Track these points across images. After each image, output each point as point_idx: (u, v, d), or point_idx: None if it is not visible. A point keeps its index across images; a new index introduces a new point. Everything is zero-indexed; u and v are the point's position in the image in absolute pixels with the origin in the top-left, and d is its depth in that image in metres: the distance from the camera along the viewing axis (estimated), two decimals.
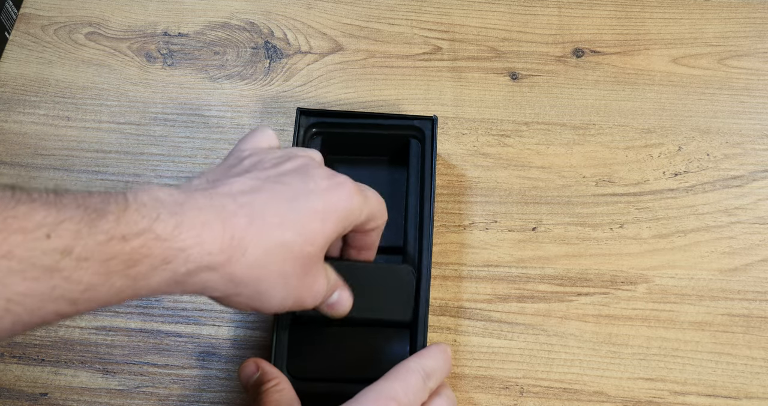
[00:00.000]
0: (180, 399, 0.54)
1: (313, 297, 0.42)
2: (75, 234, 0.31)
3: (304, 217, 0.39)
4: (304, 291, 0.41)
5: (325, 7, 0.70)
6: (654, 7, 0.71)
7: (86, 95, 0.66)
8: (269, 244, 0.38)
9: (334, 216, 0.41)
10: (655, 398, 0.55)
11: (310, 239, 0.39)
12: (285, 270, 0.39)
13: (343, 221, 0.41)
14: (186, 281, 0.36)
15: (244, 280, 0.38)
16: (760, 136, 0.65)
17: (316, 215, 0.40)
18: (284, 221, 0.39)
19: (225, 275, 0.37)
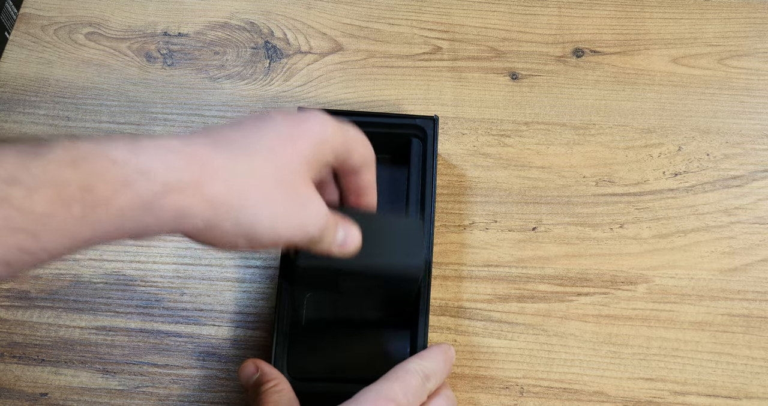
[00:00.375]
0: (180, 399, 0.54)
1: (314, 222, 0.38)
2: (18, 165, 0.30)
3: (272, 141, 0.37)
4: (299, 213, 0.37)
5: (325, 7, 0.70)
6: (654, 7, 0.71)
7: (86, 95, 0.66)
8: (241, 167, 0.36)
9: (305, 139, 0.38)
10: (655, 398, 0.55)
11: (285, 162, 0.37)
12: (268, 192, 0.36)
13: (318, 145, 0.39)
14: (156, 205, 0.33)
15: (224, 201, 0.35)
16: (760, 136, 0.65)
17: (285, 139, 0.38)
18: (252, 145, 0.37)
19: (201, 195, 0.34)
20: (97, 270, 0.58)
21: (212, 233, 0.35)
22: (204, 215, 0.34)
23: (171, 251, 0.59)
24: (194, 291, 0.58)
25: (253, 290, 0.58)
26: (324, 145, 0.40)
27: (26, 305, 0.57)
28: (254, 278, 0.58)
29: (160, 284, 0.58)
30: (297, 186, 0.38)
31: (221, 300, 0.57)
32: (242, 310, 0.57)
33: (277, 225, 0.36)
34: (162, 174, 0.33)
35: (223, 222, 0.35)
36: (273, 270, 0.58)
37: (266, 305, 0.57)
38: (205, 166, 0.35)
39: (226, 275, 0.58)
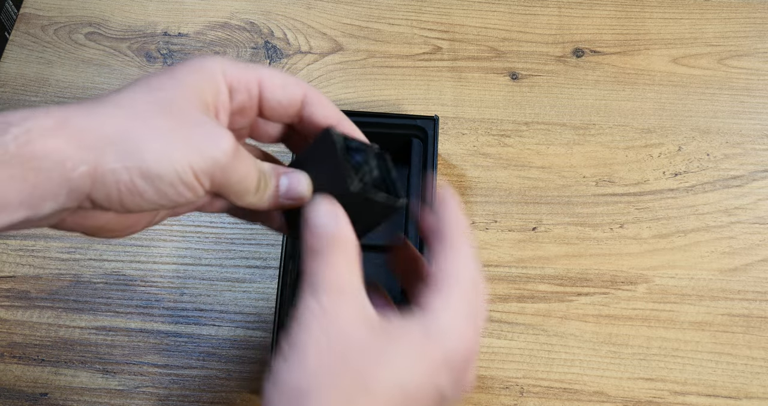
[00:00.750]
0: (180, 399, 0.54)
1: (215, 143, 0.32)
2: None
3: (149, 80, 0.33)
4: (192, 136, 0.32)
5: (325, 7, 0.70)
6: (654, 7, 0.71)
7: (86, 95, 0.66)
8: (111, 105, 0.31)
9: (186, 68, 0.34)
10: (655, 398, 0.55)
11: (167, 94, 0.32)
12: (149, 119, 0.31)
13: (207, 72, 0.34)
14: (24, 153, 0.29)
15: (98, 135, 0.30)
16: (760, 136, 0.65)
17: (163, 74, 0.33)
18: (127, 88, 0.33)
19: (69, 134, 0.30)
20: (97, 270, 0.58)
21: (104, 179, 0.30)
22: (82, 156, 0.30)
23: (171, 251, 0.59)
24: (194, 291, 0.58)
25: (253, 290, 0.58)
26: (215, 73, 0.34)
27: (26, 305, 0.57)
28: (254, 278, 0.58)
29: (160, 284, 0.58)
30: (185, 111, 0.32)
31: (221, 300, 0.57)
32: (242, 310, 0.57)
33: (170, 151, 0.31)
34: (19, 121, 0.30)
35: (106, 158, 0.30)
36: (273, 270, 0.58)
37: (266, 305, 0.57)
38: (69, 110, 0.31)
39: (226, 275, 0.58)
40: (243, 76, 0.35)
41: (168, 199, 0.32)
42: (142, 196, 0.31)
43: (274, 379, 0.30)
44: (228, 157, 0.32)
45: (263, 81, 0.35)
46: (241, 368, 0.55)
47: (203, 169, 0.31)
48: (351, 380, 0.29)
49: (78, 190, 0.30)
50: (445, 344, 0.31)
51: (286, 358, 0.30)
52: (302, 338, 0.30)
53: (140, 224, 0.35)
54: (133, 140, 0.30)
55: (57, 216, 0.32)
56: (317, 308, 0.31)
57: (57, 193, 0.30)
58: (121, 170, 0.30)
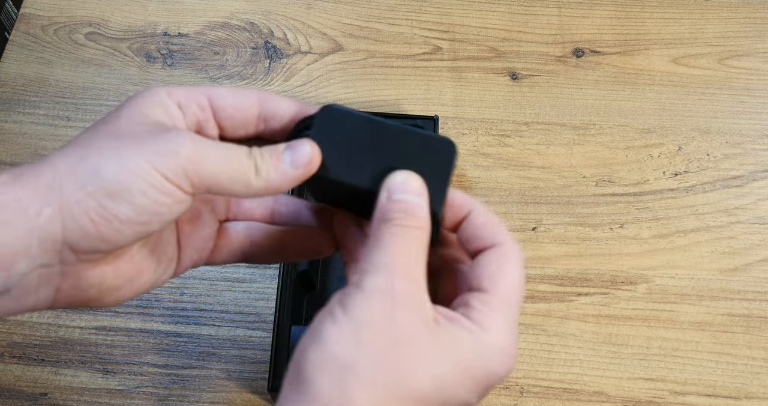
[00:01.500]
0: (180, 399, 0.54)
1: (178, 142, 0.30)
2: None
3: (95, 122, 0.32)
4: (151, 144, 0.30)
5: (325, 7, 0.70)
6: (654, 7, 0.71)
7: (86, 95, 0.66)
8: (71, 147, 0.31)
9: (129, 100, 0.33)
10: (655, 398, 0.55)
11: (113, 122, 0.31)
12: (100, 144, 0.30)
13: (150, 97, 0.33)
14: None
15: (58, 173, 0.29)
16: (760, 136, 0.65)
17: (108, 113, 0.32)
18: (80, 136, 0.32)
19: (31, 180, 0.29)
20: None
21: (71, 213, 0.29)
22: (41, 198, 0.29)
23: None
24: (194, 291, 0.58)
25: (253, 290, 0.58)
26: (159, 98, 0.33)
27: None
28: (254, 278, 0.58)
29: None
30: (135, 129, 0.31)
31: (221, 300, 0.57)
32: (242, 310, 0.57)
33: (125, 161, 0.29)
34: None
35: (66, 189, 0.29)
36: (273, 270, 0.58)
37: (266, 305, 0.57)
38: (22, 166, 0.30)
39: (226, 275, 0.58)
40: (189, 93, 0.33)
41: (148, 211, 0.30)
42: (118, 218, 0.29)
43: (320, 339, 0.29)
44: (189, 147, 0.30)
45: (210, 93, 0.34)
46: (241, 368, 0.55)
47: (170, 168, 0.30)
48: (395, 370, 0.28)
49: (50, 238, 0.29)
50: (492, 367, 0.31)
51: (339, 325, 0.29)
52: (365, 314, 0.29)
53: (144, 272, 0.34)
54: (88, 166, 0.29)
55: (44, 286, 0.30)
56: (389, 290, 0.29)
57: (27, 244, 0.29)
58: (86, 198, 0.29)
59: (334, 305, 0.29)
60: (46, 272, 0.30)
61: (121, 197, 0.29)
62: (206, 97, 0.34)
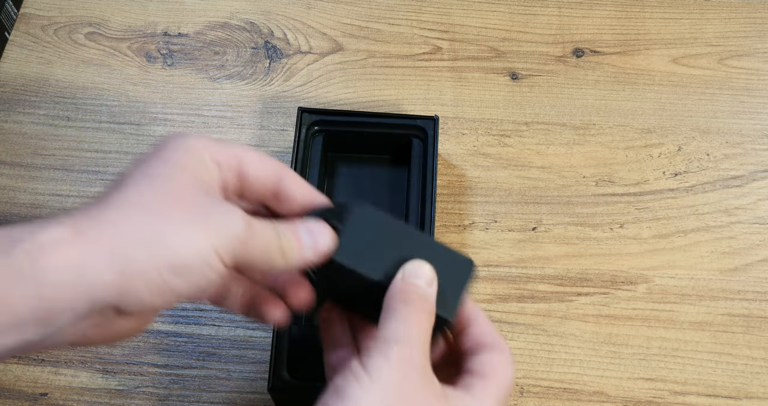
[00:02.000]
0: (180, 399, 0.54)
1: (232, 219, 0.32)
2: None
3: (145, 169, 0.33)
4: (208, 216, 0.31)
5: (325, 7, 0.70)
6: (654, 7, 0.71)
7: (86, 95, 0.66)
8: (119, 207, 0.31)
9: (176, 151, 0.33)
10: (655, 398, 0.55)
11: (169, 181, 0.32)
12: (162, 212, 0.31)
13: (196, 152, 0.33)
14: (38, 268, 0.28)
15: (124, 238, 0.29)
16: (760, 136, 0.65)
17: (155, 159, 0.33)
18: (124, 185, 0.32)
19: (88, 242, 0.29)
20: None
21: (133, 282, 0.29)
22: (104, 262, 0.29)
23: None
24: None
25: None
26: (203, 156, 0.34)
27: None
28: None
29: None
30: (192, 196, 0.32)
31: None
32: None
33: (193, 238, 0.30)
34: (27, 236, 0.29)
35: (133, 259, 0.29)
36: None
37: None
38: (80, 217, 0.30)
39: None
40: (225, 153, 0.35)
41: (197, 286, 0.31)
42: (173, 292, 0.30)
43: (347, 401, 0.31)
44: (244, 229, 0.32)
45: (241, 157, 0.35)
46: (241, 368, 0.55)
47: (226, 249, 0.31)
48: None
49: (102, 301, 0.29)
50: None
51: (365, 388, 0.31)
52: (390, 380, 0.32)
53: (152, 318, 0.36)
54: (156, 237, 0.30)
55: (74, 332, 0.31)
56: (412, 360, 0.32)
57: (77, 304, 0.29)
58: (150, 270, 0.30)
59: (356, 369, 0.32)
60: (81, 323, 0.31)
61: (182, 273, 0.30)
62: (237, 161, 0.35)
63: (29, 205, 0.60)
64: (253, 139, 0.64)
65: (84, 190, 0.61)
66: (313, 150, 0.57)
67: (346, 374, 0.32)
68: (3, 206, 0.60)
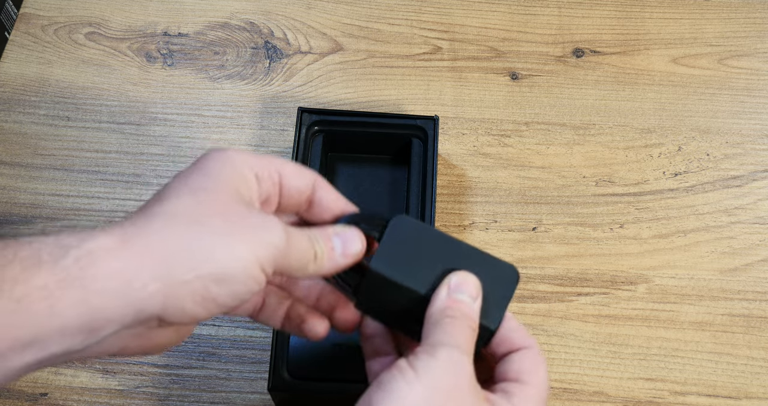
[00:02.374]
0: (180, 399, 0.54)
1: (271, 229, 0.33)
2: None
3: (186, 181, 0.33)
4: (248, 226, 0.32)
5: (325, 7, 0.70)
6: (654, 7, 0.71)
7: (86, 95, 0.66)
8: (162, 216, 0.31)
9: (216, 163, 0.34)
10: (655, 398, 0.55)
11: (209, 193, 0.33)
12: (204, 222, 0.31)
13: (236, 165, 0.34)
14: (88, 275, 0.28)
15: (169, 248, 0.30)
16: (760, 136, 0.65)
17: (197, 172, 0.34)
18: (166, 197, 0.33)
19: (134, 251, 0.30)
20: None
21: (177, 292, 0.30)
22: (150, 272, 0.29)
23: None
24: None
25: None
26: (243, 169, 0.35)
27: None
28: None
29: None
30: (234, 208, 0.33)
31: None
32: None
33: (236, 250, 0.31)
34: (78, 243, 0.29)
35: (178, 269, 0.30)
36: None
37: None
38: (126, 227, 0.31)
39: None
40: (265, 166, 0.35)
41: (239, 296, 0.32)
42: (215, 302, 0.31)
43: (393, 396, 0.31)
44: (284, 239, 0.33)
45: (282, 170, 0.36)
46: (241, 368, 0.55)
47: (267, 259, 0.32)
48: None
49: (147, 310, 0.30)
50: None
51: (412, 385, 0.31)
52: (437, 379, 0.32)
53: (191, 330, 0.36)
54: (200, 248, 0.30)
55: (116, 343, 0.31)
56: (460, 363, 0.33)
57: (123, 314, 0.29)
58: (194, 281, 0.30)
59: (404, 367, 0.32)
60: (125, 333, 0.31)
61: (226, 284, 0.31)
62: (278, 175, 0.36)
63: (29, 205, 0.60)
64: (253, 139, 0.64)
65: (84, 190, 0.61)
66: (313, 150, 0.57)
67: (391, 370, 0.32)
68: (3, 206, 0.60)
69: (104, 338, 0.30)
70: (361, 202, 0.60)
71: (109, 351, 0.32)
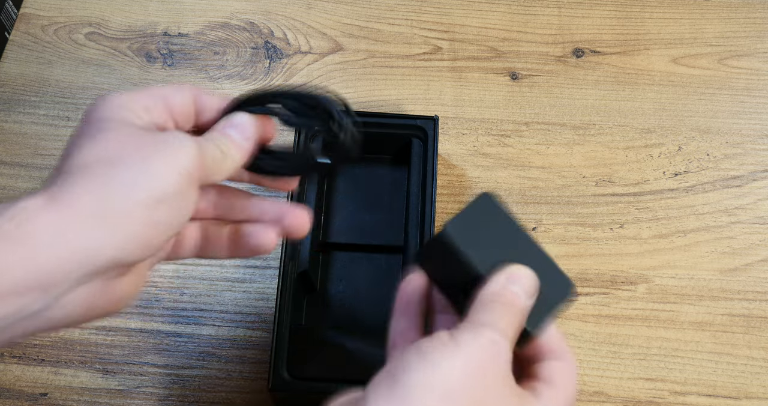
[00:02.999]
0: (180, 399, 0.54)
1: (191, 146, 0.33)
2: None
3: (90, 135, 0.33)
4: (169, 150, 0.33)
5: (325, 7, 0.70)
6: (654, 7, 0.71)
7: (86, 95, 0.66)
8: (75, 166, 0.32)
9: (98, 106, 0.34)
10: (655, 398, 0.55)
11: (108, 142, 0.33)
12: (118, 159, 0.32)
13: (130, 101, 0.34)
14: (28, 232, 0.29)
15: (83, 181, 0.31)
16: (760, 136, 0.65)
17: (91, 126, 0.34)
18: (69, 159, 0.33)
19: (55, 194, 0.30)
20: None
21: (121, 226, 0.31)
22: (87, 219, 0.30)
23: None
24: (194, 291, 0.58)
25: (253, 290, 0.58)
26: (127, 106, 0.34)
27: None
28: (254, 278, 0.58)
29: (160, 284, 0.58)
30: (138, 139, 0.33)
31: (221, 300, 0.57)
32: (242, 310, 0.57)
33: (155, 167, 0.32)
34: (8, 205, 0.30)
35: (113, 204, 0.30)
36: (273, 270, 0.58)
37: (266, 305, 0.57)
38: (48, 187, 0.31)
39: (226, 275, 0.58)
40: (147, 96, 0.35)
41: (181, 212, 0.33)
42: (162, 222, 0.32)
43: (431, 364, 0.31)
44: (194, 147, 0.33)
45: (161, 93, 0.36)
46: (241, 368, 0.55)
47: (188, 169, 0.33)
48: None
49: (93, 258, 0.30)
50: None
51: (451, 356, 0.31)
52: (475, 353, 0.32)
53: (147, 276, 0.36)
54: (125, 178, 0.31)
55: (79, 302, 0.31)
56: (499, 343, 0.32)
57: (71, 267, 0.30)
58: (134, 208, 0.31)
59: (445, 338, 0.32)
60: (83, 290, 0.31)
61: (164, 202, 0.32)
62: (162, 99, 0.36)
63: None
64: None
65: None
66: None
67: (433, 340, 0.32)
68: None
69: (62, 295, 0.30)
70: (361, 202, 0.60)
71: (75, 314, 0.32)
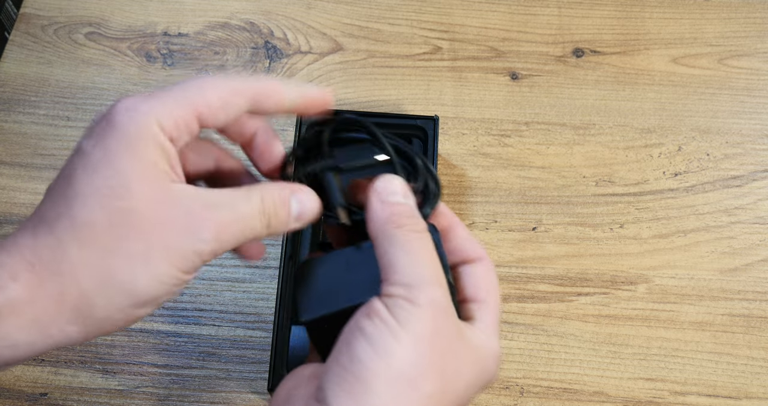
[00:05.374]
0: (180, 399, 0.54)
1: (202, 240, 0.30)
2: None
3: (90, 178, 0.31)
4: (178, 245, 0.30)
5: (325, 7, 0.70)
6: (654, 7, 0.71)
7: (86, 95, 0.66)
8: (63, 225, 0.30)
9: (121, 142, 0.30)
10: (655, 398, 0.55)
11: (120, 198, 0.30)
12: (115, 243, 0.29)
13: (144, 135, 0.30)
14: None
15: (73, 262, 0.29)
16: (760, 136, 0.65)
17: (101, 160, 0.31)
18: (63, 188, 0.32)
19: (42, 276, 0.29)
20: None
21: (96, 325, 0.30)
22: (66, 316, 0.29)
23: None
24: (194, 291, 0.58)
25: (253, 290, 0.58)
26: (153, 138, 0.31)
27: None
28: (254, 278, 0.58)
29: None
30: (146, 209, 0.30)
31: (221, 300, 0.57)
32: (242, 310, 0.57)
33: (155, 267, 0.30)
34: None
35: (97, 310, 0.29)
36: (273, 270, 0.58)
37: (266, 305, 0.57)
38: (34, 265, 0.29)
39: (226, 275, 0.58)
40: (179, 118, 0.31)
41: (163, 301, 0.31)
42: (140, 318, 0.31)
43: (383, 354, 0.29)
44: (212, 242, 0.30)
45: (201, 113, 0.32)
46: (241, 368, 0.55)
47: (194, 265, 0.30)
48: (442, 380, 0.30)
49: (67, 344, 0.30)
50: (493, 371, 0.33)
51: (400, 341, 0.29)
52: (421, 329, 0.29)
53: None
54: (119, 283, 0.29)
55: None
56: (440, 304, 0.30)
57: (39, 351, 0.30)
58: (117, 314, 0.30)
59: (386, 317, 0.29)
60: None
61: (150, 304, 0.30)
62: (197, 121, 0.32)
63: (29, 205, 0.60)
64: None
65: None
66: None
67: (375, 321, 0.29)
68: (3, 206, 0.60)
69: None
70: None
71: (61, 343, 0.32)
